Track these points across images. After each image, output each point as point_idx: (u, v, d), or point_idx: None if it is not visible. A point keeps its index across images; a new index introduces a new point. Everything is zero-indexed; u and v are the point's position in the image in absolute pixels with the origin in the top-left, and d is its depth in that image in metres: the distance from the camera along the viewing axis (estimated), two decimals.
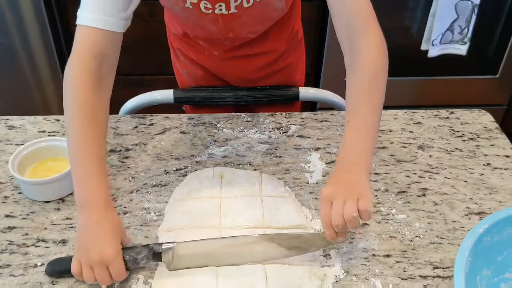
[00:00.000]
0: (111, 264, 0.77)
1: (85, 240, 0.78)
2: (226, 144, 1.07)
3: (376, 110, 0.85)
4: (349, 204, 0.75)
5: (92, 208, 0.79)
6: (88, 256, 0.77)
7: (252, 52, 1.17)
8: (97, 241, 0.77)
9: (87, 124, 0.82)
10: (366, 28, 0.87)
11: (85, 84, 0.84)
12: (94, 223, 0.78)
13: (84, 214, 0.79)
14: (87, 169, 0.81)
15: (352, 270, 0.82)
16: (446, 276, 0.82)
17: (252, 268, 0.79)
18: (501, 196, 0.97)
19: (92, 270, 0.77)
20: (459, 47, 2.02)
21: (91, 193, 0.80)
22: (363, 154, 0.82)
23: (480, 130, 1.13)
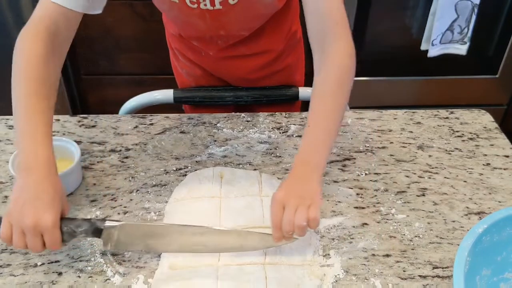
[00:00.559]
0: (46, 232, 0.72)
1: (21, 203, 0.73)
2: (226, 144, 1.07)
3: (337, 116, 0.86)
4: (300, 211, 0.77)
5: (35, 170, 0.76)
6: (22, 220, 0.72)
7: (248, 52, 1.17)
8: (34, 204, 0.73)
9: (34, 94, 0.81)
10: (337, 33, 0.88)
11: (35, 54, 0.83)
12: (34, 185, 0.74)
13: (24, 175, 0.76)
14: (32, 134, 0.78)
15: (352, 270, 0.82)
16: (445, 276, 0.82)
17: (252, 268, 0.80)
18: (501, 196, 0.97)
19: (24, 236, 0.73)
20: (459, 47, 2.02)
21: (35, 156, 0.77)
22: (319, 159, 0.83)
23: (480, 130, 1.13)
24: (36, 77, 0.82)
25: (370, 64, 2.17)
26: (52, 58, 0.86)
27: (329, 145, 0.85)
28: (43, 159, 0.77)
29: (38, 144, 0.78)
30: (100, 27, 2.04)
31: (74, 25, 0.91)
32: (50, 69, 0.85)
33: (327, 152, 0.84)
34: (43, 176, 0.76)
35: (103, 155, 1.04)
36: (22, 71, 0.83)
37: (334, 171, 1.01)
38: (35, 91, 0.81)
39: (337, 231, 0.88)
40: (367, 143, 1.08)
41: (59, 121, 1.12)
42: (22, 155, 0.78)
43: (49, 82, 0.84)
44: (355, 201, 0.94)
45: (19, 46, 0.85)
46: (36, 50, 0.83)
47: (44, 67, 0.84)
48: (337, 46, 0.88)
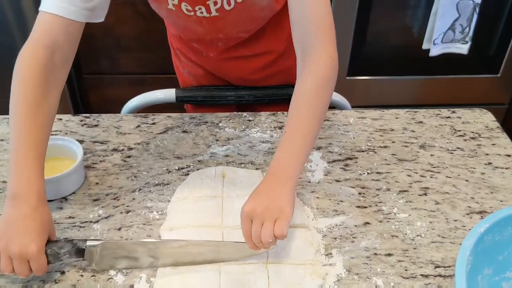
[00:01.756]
0: (32, 259, 0.74)
1: (9, 232, 0.75)
2: (228, 143, 1.07)
3: (313, 126, 0.84)
4: (266, 227, 0.76)
5: (24, 200, 0.76)
6: (8, 247, 0.74)
7: (249, 53, 1.17)
8: (21, 235, 0.74)
9: (29, 117, 0.80)
10: (320, 41, 0.86)
11: (33, 76, 0.82)
12: (22, 217, 0.75)
13: (13, 205, 0.76)
14: (24, 161, 0.78)
15: (354, 269, 0.82)
16: (447, 275, 0.82)
17: (254, 267, 0.80)
18: (502, 195, 0.97)
19: (11, 262, 0.74)
20: (461, 46, 2.02)
21: (26, 185, 0.77)
22: (291, 170, 0.82)
23: (482, 129, 1.13)
24: (32, 105, 0.81)
25: (372, 64, 2.17)
26: (50, 83, 0.83)
27: (303, 156, 0.83)
28: (35, 189, 0.77)
29: (31, 173, 0.78)
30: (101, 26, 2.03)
31: (76, 38, 0.88)
32: (46, 96, 0.83)
33: (300, 162, 0.83)
34: (33, 207, 0.76)
35: (106, 154, 1.04)
36: (19, 98, 0.81)
37: (336, 171, 1.01)
38: (30, 120, 0.80)
39: (339, 230, 0.89)
40: (369, 142, 1.09)
41: (62, 120, 1.13)
42: (13, 182, 0.78)
43: (45, 111, 0.82)
44: (357, 200, 0.95)
45: (17, 70, 0.82)
46: (33, 78, 0.82)
47: (41, 96, 0.82)
48: (319, 54, 0.86)
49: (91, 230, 0.87)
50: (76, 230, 0.87)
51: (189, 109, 1.36)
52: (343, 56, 2.11)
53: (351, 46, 2.08)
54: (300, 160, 0.83)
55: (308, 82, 0.86)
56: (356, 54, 2.11)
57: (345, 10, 1.98)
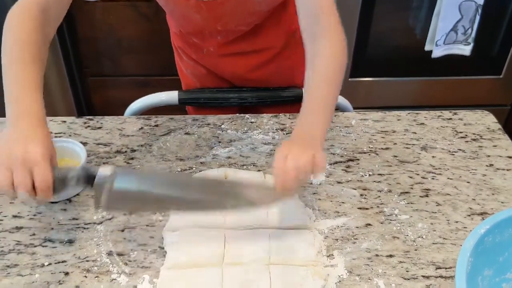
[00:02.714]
0: (36, 165, 0.68)
1: (10, 141, 0.70)
2: (230, 145, 1.08)
3: (331, 100, 0.87)
4: (305, 157, 0.75)
5: (26, 118, 0.73)
6: (9, 153, 0.68)
7: (248, 48, 1.18)
8: (25, 142, 0.69)
9: (27, 60, 0.80)
10: (328, 23, 0.89)
11: (27, 25, 0.83)
12: (25, 128, 0.72)
13: (13, 122, 0.73)
14: (23, 90, 0.76)
15: (355, 270, 0.83)
16: (448, 276, 0.82)
17: (256, 268, 0.80)
18: (504, 196, 0.97)
19: (11, 173, 0.67)
20: (463, 48, 2.03)
21: (28, 106, 0.75)
22: (319, 129, 0.83)
23: (483, 131, 1.13)
24: (26, 49, 0.81)
25: (374, 65, 2.17)
26: (41, 35, 0.84)
27: (324, 124, 0.84)
28: (36, 109, 0.75)
29: (30, 97, 0.76)
30: (104, 28, 2.05)
31: (65, 5, 0.90)
32: (39, 44, 0.83)
33: (323, 128, 0.83)
34: (35, 124, 0.74)
35: (109, 156, 1.05)
36: (12, 44, 0.81)
37: (337, 172, 1.02)
38: (25, 58, 0.80)
39: (341, 232, 0.89)
40: (371, 144, 1.09)
41: (65, 122, 1.13)
42: (13, 105, 0.75)
43: (38, 56, 0.82)
44: (358, 201, 0.95)
45: (9, 22, 0.84)
46: (26, 26, 0.83)
47: (34, 43, 0.82)
48: (328, 38, 0.88)
49: (95, 232, 0.88)
50: (80, 232, 0.88)
51: (191, 111, 1.37)
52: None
53: (353, 47, 2.09)
54: (323, 126, 0.84)
55: (321, 67, 0.87)
56: (358, 55, 2.12)
57: (348, 11, 1.98)
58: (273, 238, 0.85)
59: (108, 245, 0.86)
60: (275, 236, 0.85)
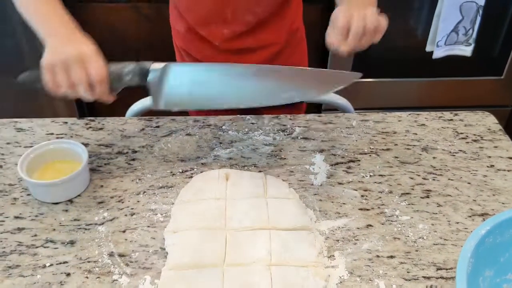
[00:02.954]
0: (90, 61, 0.72)
1: (57, 48, 0.73)
2: (231, 146, 1.08)
3: None
4: (371, 15, 0.80)
5: (61, 29, 0.76)
6: (63, 53, 0.72)
7: (253, 44, 1.20)
8: (72, 42, 0.74)
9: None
10: None
11: None
12: (66, 36, 0.75)
13: (52, 36, 0.76)
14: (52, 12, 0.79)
15: (356, 271, 0.83)
16: (449, 277, 0.82)
17: (257, 268, 0.81)
18: (504, 197, 0.97)
19: (68, 72, 0.70)
20: (464, 48, 2.03)
21: (59, 21, 0.78)
22: None
23: (484, 132, 1.14)
24: None
25: (375, 66, 2.17)
26: None
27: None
28: (68, 19, 0.79)
29: (60, 15, 0.80)
30: (106, 29, 2.06)
31: None
32: None
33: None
34: (73, 29, 0.79)
35: (110, 157, 1.05)
36: None
37: (339, 173, 1.02)
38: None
39: (342, 233, 0.89)
40: (372, 145, 1.09)
41: (67, 123, 1.14)
42: (45, 24, 0.78)
43: None
44: (359, 202, 0.95)
45: None
46: None
47: None
48: None
49: (96, 232, 0.88)
50: (82, 232, 0.88)
51: (192, 112, 1.37)
52: (347, 59, 2.11)
53: None
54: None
55: None
56: (360, 56, 2.11)
57: None
58: (274, 239, 0.85)
59: (110, 246, 0.86)
60: (276, 237, 0.86)
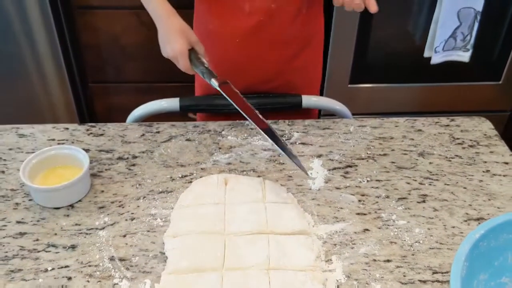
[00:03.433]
0: (177, 59, 1.03)
1: (163, 41, 1.06)
2: (231, 151, 1.10)
3: None
4: None
5: (162, 16, 1.06)
6: (165, 52, 1.06)
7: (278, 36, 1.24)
8: (167, 41, 1.04)
9: None
10: None
11: None
12: (167, 26, 1.05)
13: (160, 22, 1.06)
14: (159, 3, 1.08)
15: (353, 275, 0.84)
16: (445, 281, 0.83)
17: (256, 273, 0.82)
18: (500, 202, 0.98)
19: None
20: (462, 54, 2.04)
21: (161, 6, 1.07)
22: None
23: (480, 137, 1.15)
24: None
25: (373, 71, 2.19)
26: None
27: None
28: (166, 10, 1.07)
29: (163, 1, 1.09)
30: (107, 35, 2.08)
31: None
32: None
33: None
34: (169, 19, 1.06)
35: (111, 162, 1.06)
36: None
37: (336, 178, 1.03)
38: None
39: (339, 237, 0.90)
40: (369, 150, 1.11)
41: (68, 129, 1.15)
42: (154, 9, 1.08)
43: None
44: (357, 207, 0.97)
45: None
46: None
47: None
48: None
49: (97, 237, 0.90)
50: (83, 237, 0.90)
51: (202, 118, 1.38)
52: (345, 64, 2.13)
53: (353, 54, 2.10)
54: None
55: None
56: (358, 62, 2.13)
57: (347, 18, 2.00)
58: (273, 243, 0.86)
59: (110, 250, 0.88)
60: (274, 241, 0.87)
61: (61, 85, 2.13)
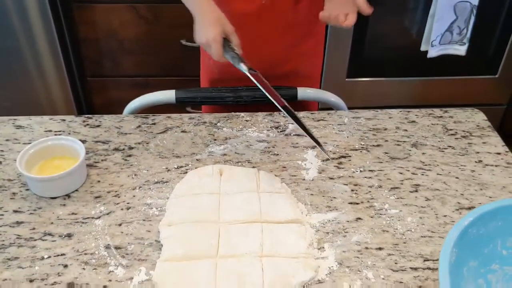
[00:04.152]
0: (211, 46, 1.04)
1: (198, 29, 1.08)
2: (226, 143, 1.11)
3: None
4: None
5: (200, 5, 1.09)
6: (199, 40, 1.08)
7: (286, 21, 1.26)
8: (202, 31, 1.06)
9: None
10: None
11: None
12: (204, 15, 1.08)
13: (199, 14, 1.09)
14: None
15: (345, 262, 0.85)
16: (436, 268, 0.85)
17: (249, 260, 0.83)
18: (492, 191, 1.00)
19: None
20: (458, 48, 2.05)
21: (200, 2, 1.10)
22: None
23: (473, 128, 1.16)
24: None
25: (371, 65, 2.20)
26: None
27: None
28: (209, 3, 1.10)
29: None
30: (104, 29, 2.08)
31: None
32: None
33: None
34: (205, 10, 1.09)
35: (107, 153, 1.07)
36: None
37: (330, 168, 1.04)
38: None
39: (332, 225, 0.92)
40: (363, 141, 1.12)
41: (65, 121, 1.16)
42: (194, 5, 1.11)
43: None
44: (349, 196, 0.98)
45: None
46: None
47: None
48: None
49: (93, 226, 0.91)
50: (79, 226, 0.91)
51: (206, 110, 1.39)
52: (343, 58, 2.14)
53: (350, 48, 2.11)
54: None
55: None
56: (355, 56, 2.14)
57: None
58: (266, 231, 0.88)
59: (106, 239, 0.89)
60: (267, 230, 0.88)
61: (59, 79, 2.14)
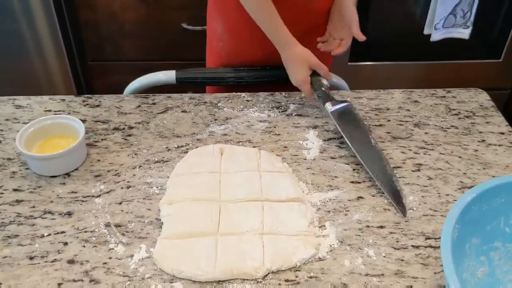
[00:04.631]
0: (301, 86, 1.12)
1: (288, 70, 1.15)
2: (227, 123, 1.10)
3: None
4: None
5: (285, 45, 1.13)
6: (292, 80, 1.14)
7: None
8: (292, 70, 1.13)
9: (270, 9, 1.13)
10: None
11: None
12: (290, 56, 1.13)
13: (283, 51, 1.14)
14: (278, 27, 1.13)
15: (346, 240, 0.85)
16: (437, 246, 0.84)
17: (250, 238, 0.82)
18: (494, 171, 0.99)
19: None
20: (462, 31, 2.02)
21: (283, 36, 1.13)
22: None
23: (476, 108, 1.15)
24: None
25: (373, 49, 2.18)
26: None
27: None
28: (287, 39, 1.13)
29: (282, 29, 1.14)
30: (105, 13, 2.07)
31: None
32: None
33: None
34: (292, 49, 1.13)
35: (107, 133, 1.07)
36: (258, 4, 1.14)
37: (331, 148, 1.03)
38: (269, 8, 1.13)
39: (333, 204, 0.91)
40: (365, 121, 1.11)
41: (65, 101, 1.16)
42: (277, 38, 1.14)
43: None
44: (351, 176, 0.97)
45: None
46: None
47: None
48: None
49: (93, 204, 0.90)
50: (79, 204, 0.90)
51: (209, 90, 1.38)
52: None
53: None
54: None
55: None
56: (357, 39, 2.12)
57: None
58: (267, 210, 0.87)
59: (106, 217, 0.88)
60: (268, 208, 0.87)
61: (60, 63, 2.12)
